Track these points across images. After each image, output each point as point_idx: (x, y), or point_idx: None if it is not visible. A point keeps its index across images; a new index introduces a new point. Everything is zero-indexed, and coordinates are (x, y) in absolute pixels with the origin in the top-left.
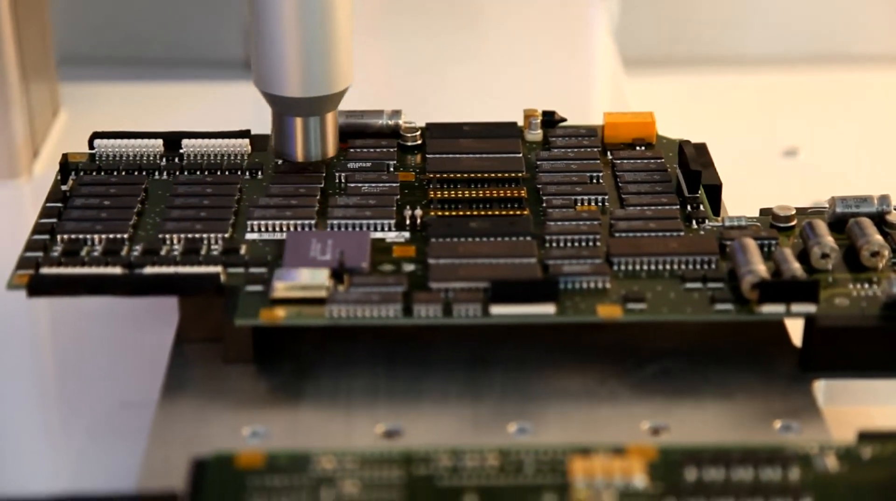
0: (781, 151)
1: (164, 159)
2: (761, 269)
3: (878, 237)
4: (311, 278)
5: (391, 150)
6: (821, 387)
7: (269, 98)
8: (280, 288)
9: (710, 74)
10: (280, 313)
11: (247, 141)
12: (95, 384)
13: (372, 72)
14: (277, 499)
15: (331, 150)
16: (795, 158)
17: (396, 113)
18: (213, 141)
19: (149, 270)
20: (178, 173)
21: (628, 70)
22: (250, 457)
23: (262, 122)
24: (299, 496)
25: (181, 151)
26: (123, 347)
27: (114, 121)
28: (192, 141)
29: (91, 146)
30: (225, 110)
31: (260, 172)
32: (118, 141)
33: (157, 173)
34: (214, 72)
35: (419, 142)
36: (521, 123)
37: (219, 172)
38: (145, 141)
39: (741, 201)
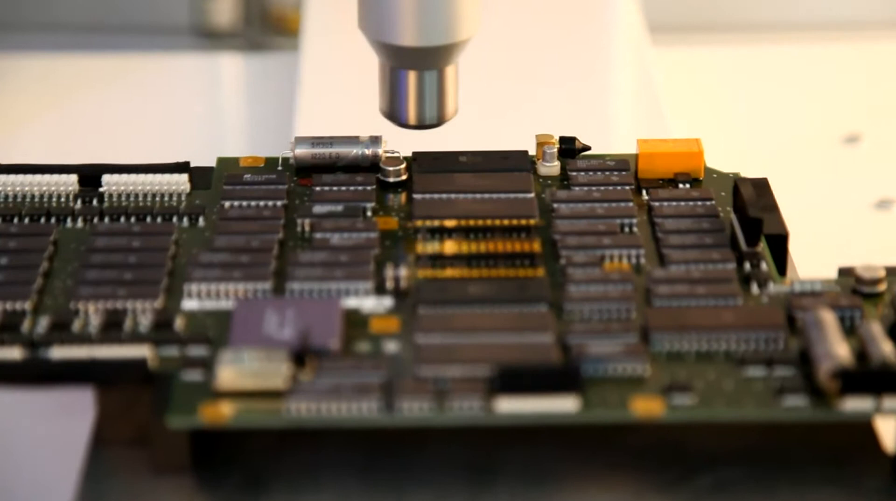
0: (841, 137)
1: (78, 201)
2: (842, 352)
3: None
4: (265, 363)
5: (369, 188)
6: None
7: (377, 48)
8: (225, 376)
9: (754, 44)
10: (225, 410)
11: (185, 177)
12: None
13: (345, 88)
14: None
15: (450, 111)
16: (857, 146)
17: (375, 140)
18: (141, 177)
19: (57, 352)
20: (96, 220)
21: (657, 39)
22: None
23: (213, 106)
24: None
25: (101, 189)
26: (23, 452)
27: (26, 107)
28: (115, 177)
29: None
30: (169, 90)
31: (201, 218)
32: (20, 177)
33: (69, 220)
34: (156, 40)
35: (403, 177)
36: (532, 152)
37: (149, 218)
38: (55, 177)
39: (811, 244)
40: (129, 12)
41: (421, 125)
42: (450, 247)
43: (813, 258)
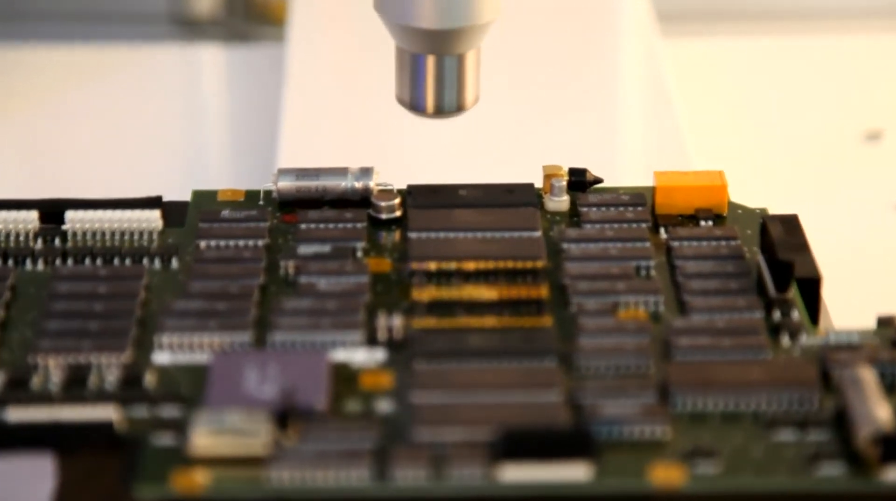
0: (862, 133)
1: (39, 240)
2: (883, 414)
3: None
4: (244, 426)
5: (359, 226)
6: None
7: (393, 30)
8: (201, 441)
9: (769, 35)
10: (200, 478)
11: (157, 213)
12: None
13: (334, 82)
14: None
15: (470, 99)
16: (879, 145)
17: (366, 171)
18: (108, 213)
19: (14, 413)
20: (59, 262)
21: (668, 29)
22: None
23: (193, 101)
24: None
25: (64, 227)
26: None
27: None
28: (80, 213)
29: None
30: (146, 83)
31: (174, 260)
32: None
33: (28, 262)
34: (131, 29)
35: (397, 213)
36: (539, 184)
37: (117, 260)
38: (13, 213)
39: (845, 283)
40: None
41: (440, 113)
42: (449, 293)
43: (848, 300)
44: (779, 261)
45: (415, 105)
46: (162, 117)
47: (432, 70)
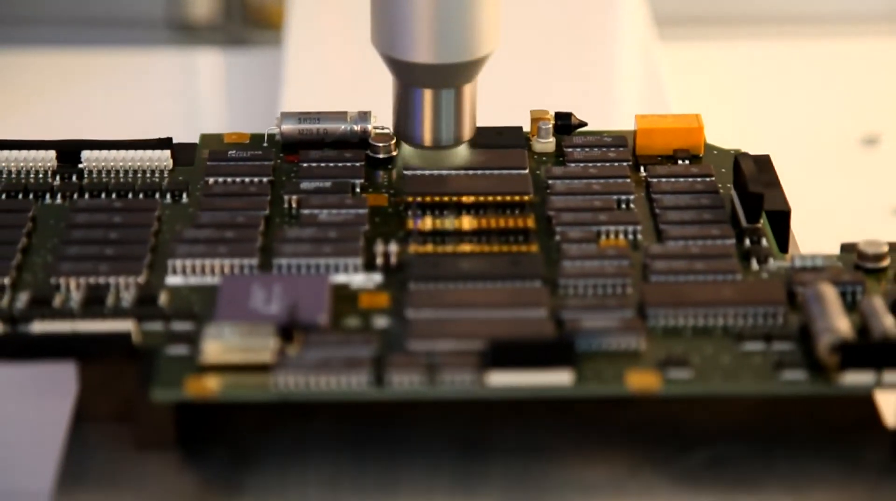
0: (859, 138)
1: (57, 177)
2: (843, 326)
3: None
4: (252, 337)
5: (358, 164)
6: None
7: (391, 65)
8: (211, 350)
9: (767, 39)
10: (211, 384)
11: (167, 153)
12: None
13: (331, 86)
14: None
15: (466, 132)
16: (877, 149)
17: (364, 115)
18: (122, 153)
19: (38, 326)
20: (76, 196)
21: (665, 33)
22: None
23: (190, 105)
24: None
25: (81, 165)
26: (2, 427)
27: None
28: (95, 153)
29: None
30: (143, 87)
31: (185, 195)
32: None
33: (48, 196)
34: (129, 34)
35: (394, 153)
36: (527, 128)
37: (130, 195)
38: (33, 153)
39: (814, 226)
40: (99, 4)
41: (437, 147)
42: (442, 223)
43: (812, 230)
44: (749, 193)
45: (411, 138)
46: (159, 121)
47: (430, 104)
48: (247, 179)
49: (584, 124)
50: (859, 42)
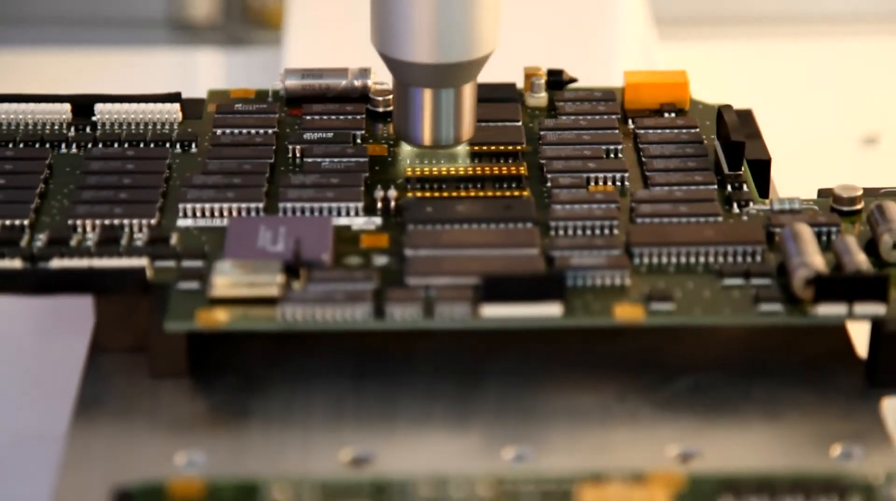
0: (859, 138)
1: (72, 129)
2: (817, 261)
3: None
4: (259, 273)
5: (358, 117)
6: (891, 406)
7: (390, 64)
8: (221, 284)
9: (767, 39)
10: (221, 315)
11: (177, 107)
12: None
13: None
14: None
15: (466, 132)
16: (877, 149)
17: (365, 72)
18: (133, 106)
19: (56, 263)
20: (90, 146)
21: (665, 33)
22: (186, 486)
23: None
24: None
25: (94, 118)
26: (24, 360)
27: None
28: (108, 106)
29: None
30: (143, 87)
31: (194, 145)
32: (14, 106)
33: (63, 146)
34: (131, 33)
35: (392, 107)
36: (520, 84)
37: (142, 145)
38: (48, 106)
39: (796, 181)
40: (99, 4)
41: (437, 146)
42: (438, 170)
43: (794, 183)
44: (731, 142)
45: (411, 138)
46: None
47: (429, 103)
48: (253, 131)
49: (575, 80)
50: (859, 42)
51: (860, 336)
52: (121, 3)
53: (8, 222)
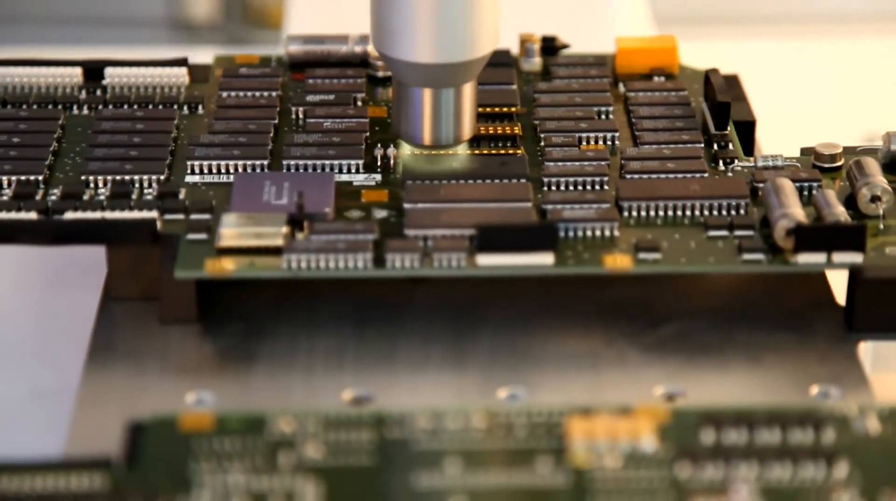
0: (859, 138)
1: (83, 92)
2: (798, 213)
3: (882, 179)
4: (264, 224)
5: (358, 81)
6: (868, 350)
7: (390, 63)
8: (228, 234)
9: (767, 39)
10: (228, 264)
11: (184, 70)
12: (5, 357)
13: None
14: (229, 465)
15: (467, 131)
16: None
17: (364, 38)
18: (142, 70)
19: (70, 215)
20: (100, 108)
21: (662, 31)
22: (196, 419)
23: None
24: (254, 461)
25: (104, 82)
26: (38, 310)
27: None
28: (118, 70)
29: None
30: None
31: (200, 107)
32: (27, 69)
33: (75, 108)
34: (130, 32)
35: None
36: (515, 50)
37: (150, 106)
38: (60, 69)
39: (781, 141)
40: (99, 4)
41: (437, 146)
42: None
43: (778, 143)
44: (718, 102)
45: (410, 137)
46: None
47: (429, 103)
48: (257, 93)
49: (568, 46)
50: (860, 42)
51: (839, 284)
52: (121, 3)
53: (23, 178)
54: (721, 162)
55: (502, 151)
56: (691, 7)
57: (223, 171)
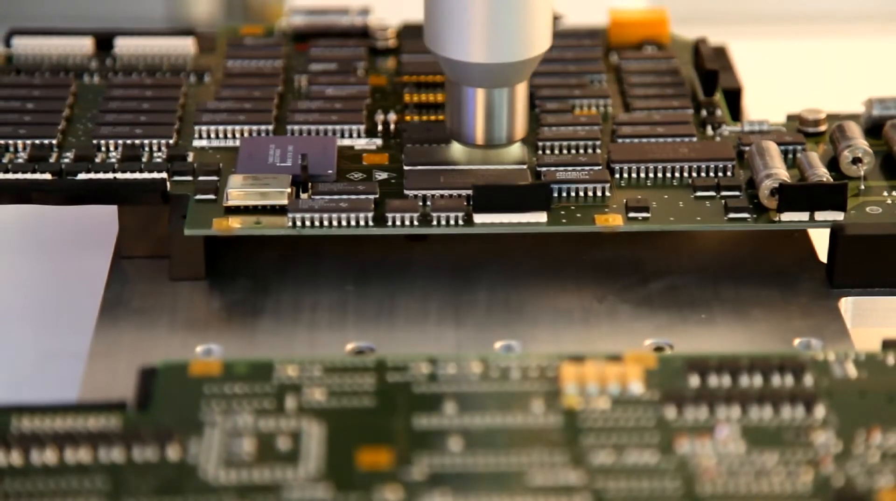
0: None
1: (93, 61)
2: (782, 173)
3: (864, 142)
4: (269, 184)
5: (360, 51)
6: (848, 305)
7: (443, 63)
8: (234, 194)
9: (767, 39)
10: (235, 222)
11: (191, 40)
12: (18, 315)
13: None
14: (238, 407)
15: (519, 131)
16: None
17: (365, 10)
18: (151, 40)
19: (83, 176)
20: (111, 76)
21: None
22: (205, 365)
23: None
24: (261, 403)
25: (114, 51)
26: (52, 269)
27: None
28: (127, 40)
29: (7, 45)
30: None
31: (207, 76)
32: (39, 40)
33: (86, 76)
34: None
35: (392, 44)
36: None
37: (158, 75)
38: (71, 40)
39: (768, 109)
40: (99, 4)
41: (489, 146)
42: (434, 97)
43: (766, 110)
44: (706, 70)
45: (463, 136)
46: None
47: (482, 103)
48: (262, 62)
49: (561, 17)
50: (860, 41)
51: (821, 242)
52: (121, 3)
53: (38, 142)
54: (709, 127)
55: None
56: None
57: (230, 135)
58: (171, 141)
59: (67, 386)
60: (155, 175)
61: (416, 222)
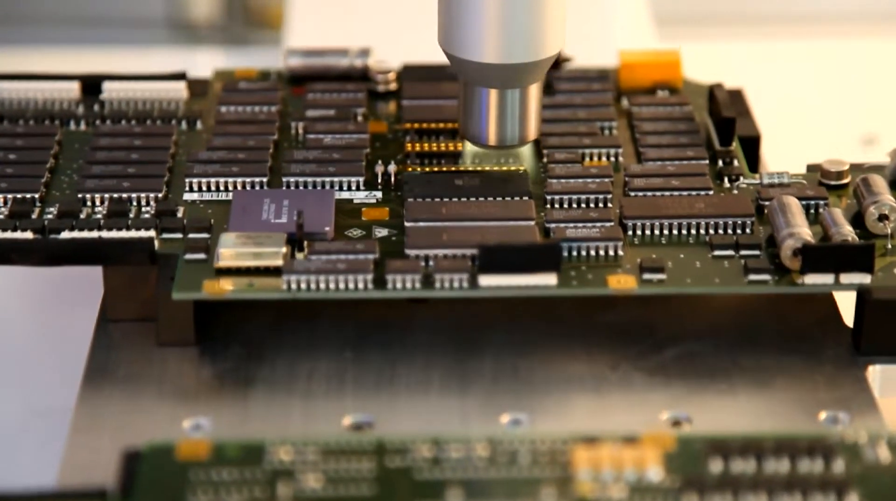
0: (859, 138)
1: (80, 106)
2: (805, 232)
3: (890, 198)
4: (263, 244)
5: (359, 96)
6: (876, 373)
7: (456, 64)
8: (226, 255)
9: (767, 39)
10: (227, 284)
11: (182, 85)
12: (0, 375)
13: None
14: (226, 495)
15: (532, 132)
16: (877, 149)
17: (365, 52)
18: (140, 84)
19: (66, 235)
20: (98, 123)
21: (662, 31)
22: (193, 447)
23: None
24: (252, 491)
25: (102, 96)
26: (35, 329)
27: None
28: (116, 84)
29: None
30: None
31: (199, 122)
32: (24, 84)
33: (72, 123)
34: (129, 33)
35: (393, 87)
36: None
37: (148, 122)
38: (57, 84)
39: (786, 158)
40: (99, 4)
41: (501, 146)
42: (437, 146)
43: (784, 160)
44: (723, 118)
45: (475, 137)
46: None
47: (496, 104)
48: (257, 108)
49: (570, 59)
50: (859, 42)
51: (847, 305)
52: (121, 3)
53: (20, 196)
54: (726, 179)
55: (504, 168)
56: (692, 9)
57: (222, 188)
58: (160, 194)
59: (49, 448)
60: (142, 233)
61: (417, 285)
